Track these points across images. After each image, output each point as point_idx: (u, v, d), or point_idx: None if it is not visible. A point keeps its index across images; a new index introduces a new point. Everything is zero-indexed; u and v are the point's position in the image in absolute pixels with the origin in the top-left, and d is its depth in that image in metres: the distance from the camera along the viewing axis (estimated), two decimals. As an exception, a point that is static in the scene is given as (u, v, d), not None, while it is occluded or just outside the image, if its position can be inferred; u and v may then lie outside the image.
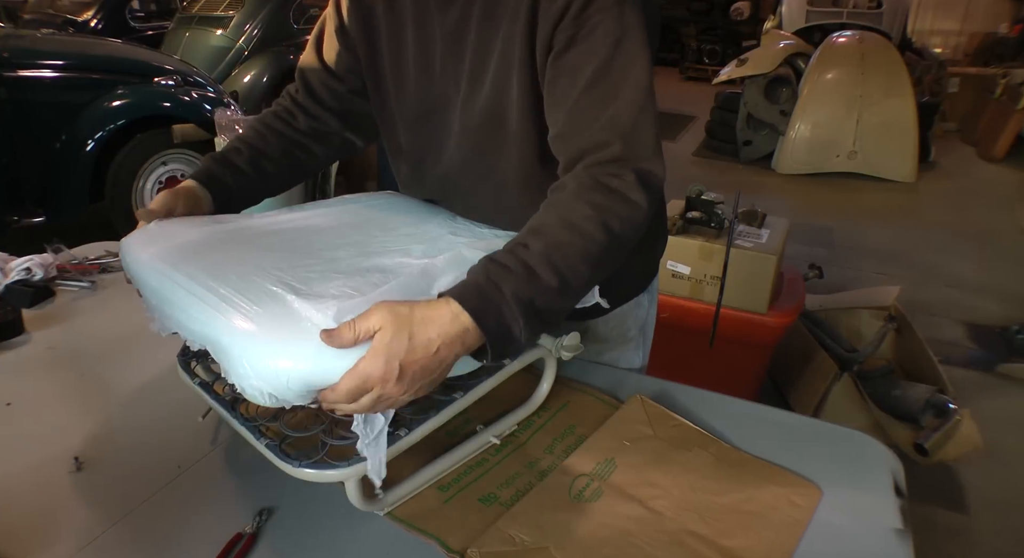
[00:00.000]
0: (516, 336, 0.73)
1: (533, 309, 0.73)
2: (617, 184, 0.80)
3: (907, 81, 5.24)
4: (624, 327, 1.14)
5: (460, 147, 0.97)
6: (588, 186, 0.80)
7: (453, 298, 0.70)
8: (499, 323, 0.71)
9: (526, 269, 0.73)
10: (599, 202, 0.79)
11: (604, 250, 0.78)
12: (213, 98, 3.69)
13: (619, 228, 0.79)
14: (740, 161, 5.66)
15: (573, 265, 0.76)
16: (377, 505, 0.78)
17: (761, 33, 7.70)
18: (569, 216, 0.78)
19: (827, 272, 2.88)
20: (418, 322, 0.68)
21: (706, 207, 2.22)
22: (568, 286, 0.76)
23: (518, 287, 0.72)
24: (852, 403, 2.27)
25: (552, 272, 0.74)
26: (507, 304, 0.71)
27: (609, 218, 0.78)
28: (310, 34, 1.12)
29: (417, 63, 0.96)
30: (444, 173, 1.01)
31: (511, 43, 0.85)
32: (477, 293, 0.71)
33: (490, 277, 0.72)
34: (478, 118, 0.92)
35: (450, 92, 0.95)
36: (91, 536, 0.76)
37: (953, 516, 2.05)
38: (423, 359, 0.68)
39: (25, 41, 3.60)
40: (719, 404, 1.01)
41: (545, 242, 0.76)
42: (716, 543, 0.76)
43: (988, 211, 4.72)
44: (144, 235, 0.89)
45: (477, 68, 0.90)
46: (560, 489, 0.83)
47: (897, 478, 0.88)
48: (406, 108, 1.01)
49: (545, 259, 0.74)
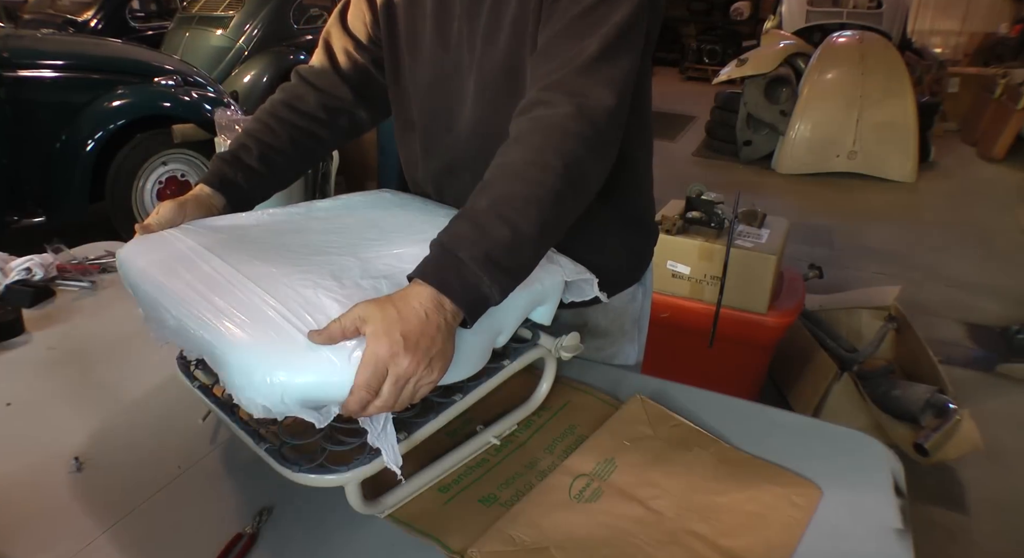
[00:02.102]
0: (486, 293, 0.73)
1: (494, 263, 0.73)
2: (554, 117, 0.79)
3: (907, 81, 5.24)
4: (620, 321, 1.14)
5: (476, 108, 0.97)
6: (527, 129, 0.80)
7: (417, 277, 0.72)
8: (464, 287, 0.72)
9: (476, 227, 0.74)
10: (538, 143, 0.78)
11: (551, 189, 0.77)
12: (213, 98, 3.70)
13: (560, 165, 0.77)
14: (740, 161, 5.66)
15: (521, 211, 0.75)
16: (377, 508, 0.78)
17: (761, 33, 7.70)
18: (511, 165, 0.78)
19: (827, 272, 2.88)
20: (398, 300, 0.70)
21: (706, 207, 2.23)
22: (521, 232, 0.75)
23: (471, 247, 0.73)
24: (852, 403, 2.27)
25: (503, 223, 0.74)
26: (466, 266, 0.72)
27: (550, 157, 0.77)
28: (310, 34, 1.12)
29: (433, 30, 0.97)
30: (458, 138, 1.01)
31: (526, 2, 0.87)
32: (436, 266, 0.73)
33: (444, 246, 0.74)
34: (494, 77, 0.93)
35: (463, 56, 0.95)
36: (91, 536, 0.76)
37: (953, 516, 2.05)
38: (418, 325, 0.69)
39: (25, 41, 3.60)
40: (719, 404, 1.01)
41: (491, 195, 0.76)
42: (716, 543, 0.76)
43: (988, 211, 4.72)
44: (141, 244, 0.89)
45: (492, 28, 0.91)
46: (560, 489, 0.83)
47: (897, 478, 0.87)
48: (420, 78, 1.01)
49: (493, 213, 0.75)
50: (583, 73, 0.81)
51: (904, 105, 5.18)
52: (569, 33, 0.83)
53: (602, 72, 0.81)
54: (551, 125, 0.79)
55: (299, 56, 5.37)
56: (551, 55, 0.84)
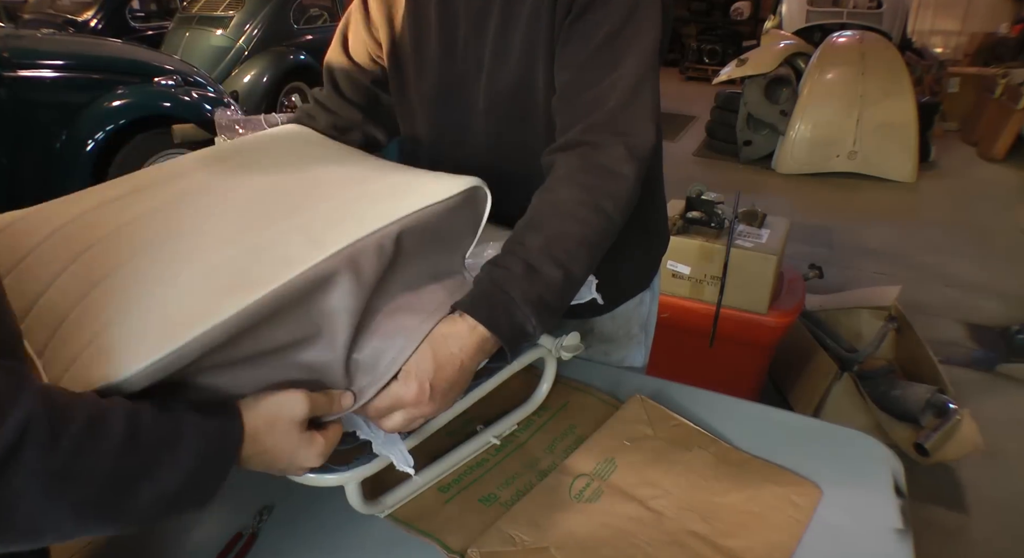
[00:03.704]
0: (529, 333, 0.75)
1: (542, 304, 0.75)
2: (606, 159, 0.81)
3: (907, 81, 5.24)
4: (628, 325, 1.15)
5: (487, 123, 0.97)
6: (577, 167, 0.82)
7: (466, 312, 0.72)
8: (512, 326, 0.73)
9: (528, 268, 0.75)
10: (590, 184, 0.80)
11: (601, 232, 0.80)
12: (213, 98, 3.70)
13: (611, 207, 0.80)
14: (740, 161, 5.66)
15: (574, 254, 0.77)
16: (377, 508, 0.78)
17: (761, 33, 7.70)
18: (562, 204, 0.80)
19: (827, 272, 2.88)
20: (439, 341, 0.70)
21: (706, 207, 2.22)
22: (572, 275, 0.77)
23: (525, 288, 0.74)
24: (852, 403, 2.27)
25: (555, 265, 0.76)
26: (517, 306, 0.73)
27: (601, 199, 0.80)
28: (310, 34, 1.13)
29: (440, 42, 0.97)
30: (467, 152, 1.01)
31: (537, 18, 0.87)
32: (487, 303, 0.73)
33: (496, 283, 0.74)
34: (505, 93, 0.94)
35: (471, 69, 0.95)
36: (91, 536, 0.76)
37: (953, 516, 2.05)
38: (450, 375, 0.70)
39: (25, 41, 3.60)
40: (719, 404, 1.01)
41: (544, 236, 0.77)
42: (716, 543, 0.76)
43: (988, 211, 4.71)
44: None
45: (501, 44, 0.91)
46: (560, 489, 0.83)
47: (897, 478, 0.88)
48: (426, 90, 1.01)
49: (545, 254, 0.76)
50: (624, 108, 0.83)
51: (904, 105, 5.17)
52: (600, 61, 0.84)
53: (641, 102, 0.84)
54: (601, 166, 0.81)
55: (299, 56, 5.38)
56: (585, 85, 0.84)
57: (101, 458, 0.48)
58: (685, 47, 9.64)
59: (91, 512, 0.49)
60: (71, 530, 0.49)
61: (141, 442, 0.51)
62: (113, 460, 0.49)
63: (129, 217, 0.74)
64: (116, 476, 0.49)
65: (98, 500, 0.49)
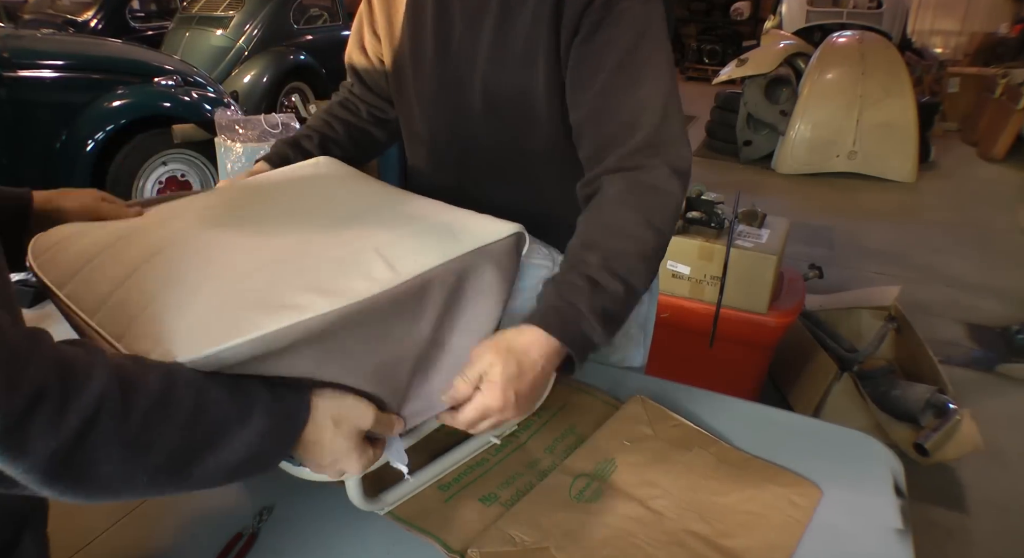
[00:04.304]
0: (596, 343, 0.79)
1: (607, 316, 0.79)
2: (652, 179, 0.85)
3: (907, 81, 5.24)
4: (627, 325, 1.15)
5: (486, 125, 0.98)
6: (626, 189, 0.85)
7: (538, 325, 0.76)
8: (582, 337, 0.77)
9: (591, 283, 0.78)
10: (641, 204, 0.84)
11: (655, 246, 0.84)
12: (213, 98, 3.69)
13: (661, 222, 0.85)
14: (740, 161, 5.66)
15: (632, 268, 0.81)
16: (377, 505, 0.78)
17: (761, 33, 7.70)
18: (617, 224, 0.84)
19: (827, 272, 2.88)
20: (520, 352, 0.73)
21: (706, 207, 2.22)
22: (632, 287, 0.81)
23: (590, 301, 0.78)
24: (852, 403, 2.27)
25: (615, 279, 0.79)
26: (585, 319, 0.77)
27: (653, 216, 0.84)
28: (310, 34, 1.15)
29: (435, 40, 0.97)
30: (465, 151, 1.03)
31: (538, 25, 0.88)
32: (558, 316, 0.77)
33: (564, 297, 0.78)
34: (504, 97, 0.95)
35: (464, 69, 0.96)
36: (91, 535, 0.76)
37: (953, 516, 2.05)
38: (533, 381, 0.74)
39: (25, 41, 3.60)
40: (719, 404, 1.01)
41: (601, 254, 0.81)
42: (716, 543, 0.76)
43: (988, 211, 4.71)
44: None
45: (497, 47, 0.92)
46: (560, 489, 0.83)
47: (897, 478, 0.88)
48: (423, 88, 1.02)
49: (606, 269, 0.79)
50: (658, 130, 0.86)
51: (904, 105, 5.18)
52: (620, 83, 0.86)
53: (672, 120, 0.87)
54: (651, 188, 0.85)
55: (299, 56, 5.38)
56: (612, 110, 0.87)
57: (169, 430, 0.52)
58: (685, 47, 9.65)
59: (164, 476, 0.53)
60: (145, 490, 0.53)
61: (209, 417, 0.55)
62: (180, 432, 0.53)
63: (207, 225, 0.77)
64: (184, 447, 0.53)
65: (169, 466, 0.53)
